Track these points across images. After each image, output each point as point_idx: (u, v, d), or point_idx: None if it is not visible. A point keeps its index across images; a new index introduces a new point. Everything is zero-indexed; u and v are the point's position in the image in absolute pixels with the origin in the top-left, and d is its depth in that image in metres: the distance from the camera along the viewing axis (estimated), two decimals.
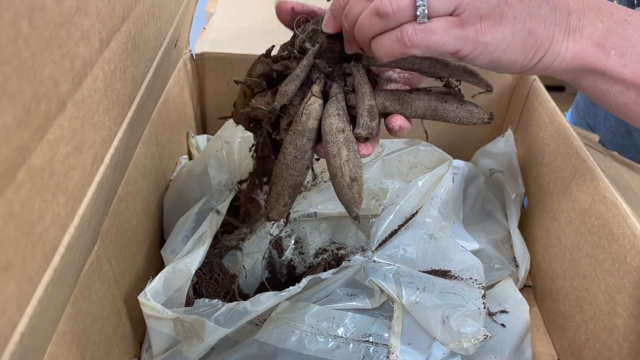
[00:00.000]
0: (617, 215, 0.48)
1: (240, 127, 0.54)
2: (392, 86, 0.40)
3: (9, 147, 0.19)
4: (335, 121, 0.34)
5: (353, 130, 0.35)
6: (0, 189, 0.19)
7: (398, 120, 0.36)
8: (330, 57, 0.36)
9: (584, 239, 0.53)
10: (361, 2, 0.32)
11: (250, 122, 0.40)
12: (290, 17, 0.38)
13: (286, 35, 0.39)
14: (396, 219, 0.49)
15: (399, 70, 0.40)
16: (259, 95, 0.37)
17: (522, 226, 0.65)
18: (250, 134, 0.52)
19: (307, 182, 0.55)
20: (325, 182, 0.55)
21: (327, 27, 0.35)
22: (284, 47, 0.38)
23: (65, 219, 0.25)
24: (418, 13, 0.30)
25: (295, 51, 0.36)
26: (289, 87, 0.36)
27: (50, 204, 0.23)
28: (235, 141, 0.52)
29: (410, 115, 0.36)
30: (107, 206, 0.37)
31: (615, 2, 0.70)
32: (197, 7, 0.61)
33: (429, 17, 0.30)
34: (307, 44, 0.36)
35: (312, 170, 0.47)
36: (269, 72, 0.37)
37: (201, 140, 0.63)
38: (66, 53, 0.23)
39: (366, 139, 0.36)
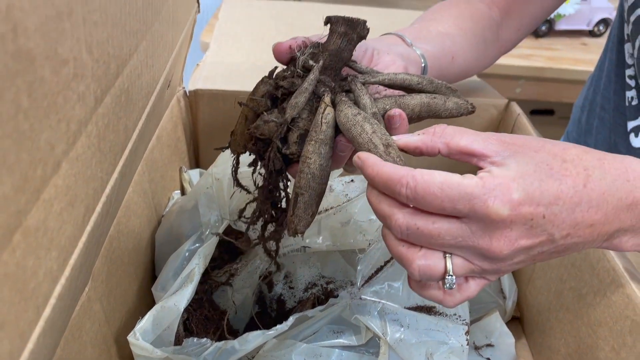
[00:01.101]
0: (596, 249, 0.50)
1: (230, 164, 0.56)
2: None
3: (6, 214, 0.21)
4: (350, 110, 0.37)
5: None
6: None
7: (397, 111, 0.38)
8: (331, 73, 0.39)
9: (567, 272, 0.54)
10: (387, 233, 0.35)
11: (253, 144, 0.41)
12: (289, 56, 0.40)
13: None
14: (382, 255, 0.50)
15: (390, 90, 0.42)
16: (264, 114, 0.39)
17: None
18: (239, 171, 0.53)
19: None
20: None
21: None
22: (285, 70, 0.40)
23: (57, 272, 0.27)
24: (446, 286, 0.33)
25: (298, 70, 0.39)
26: (299, 99, 0.37)
27: (44, 260, 0.25)
28: (225, 178, 0.54)
29: (409, 115, 0.39)
30: (99, 248, 0.38)
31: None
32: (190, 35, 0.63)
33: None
34: (311, 62, 0.39)
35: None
36: (273, 91, 0.39)
37: (194, 174, 0.65)
38: (63, 117, 0.25)
39: None
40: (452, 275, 0.32)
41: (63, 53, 0.24)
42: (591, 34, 1.51)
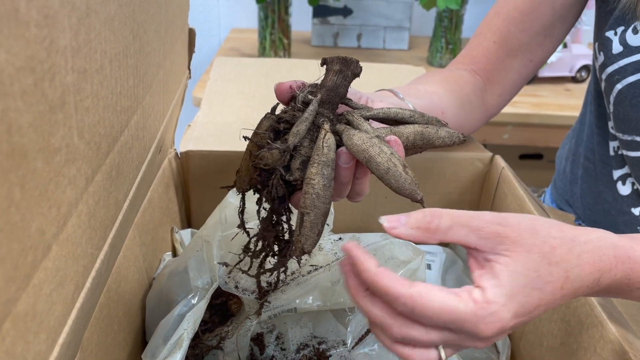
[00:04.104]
0: (584, 304, 0.50)
1: (219, 226, 0.56)
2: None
3: None
4: (363, 134, 0.39)
5: None
6: None
7: (392, 136, 0.41)
8: (329, 107, 0.42)
9: (557, 326, 0.54)
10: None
11: (257, 174, 0.42)
12: (289, 95, 0.43)
13: None
14: None
15: (383, 126, 0.45)
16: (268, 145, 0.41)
17: None
18: (228, 233, 0.54)
19: (287, 276, 0.56)
20: (303, 276, 0.56)
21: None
22: (286, 108, 0.43)
23: (45, 353, 0.27)
24: None
25: (298, 105, 0.42)
26: (300, 127, 0.40)
27: (32, 344, 0.25)
28: (215, 240, 0.54)
29: (404, 142, 0.41)
30: (88, 320, 0.39)
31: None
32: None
33: None
34: (310, 96, 0.41)
35: (298, 264, 0.49)
36: (275, 125, 0.41)
37: (185, 234, 0.65)
38: (53, 203, 0.26)
39: None
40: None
41: (55, 142, 0.25)
42: (574, 80, 1.56)
